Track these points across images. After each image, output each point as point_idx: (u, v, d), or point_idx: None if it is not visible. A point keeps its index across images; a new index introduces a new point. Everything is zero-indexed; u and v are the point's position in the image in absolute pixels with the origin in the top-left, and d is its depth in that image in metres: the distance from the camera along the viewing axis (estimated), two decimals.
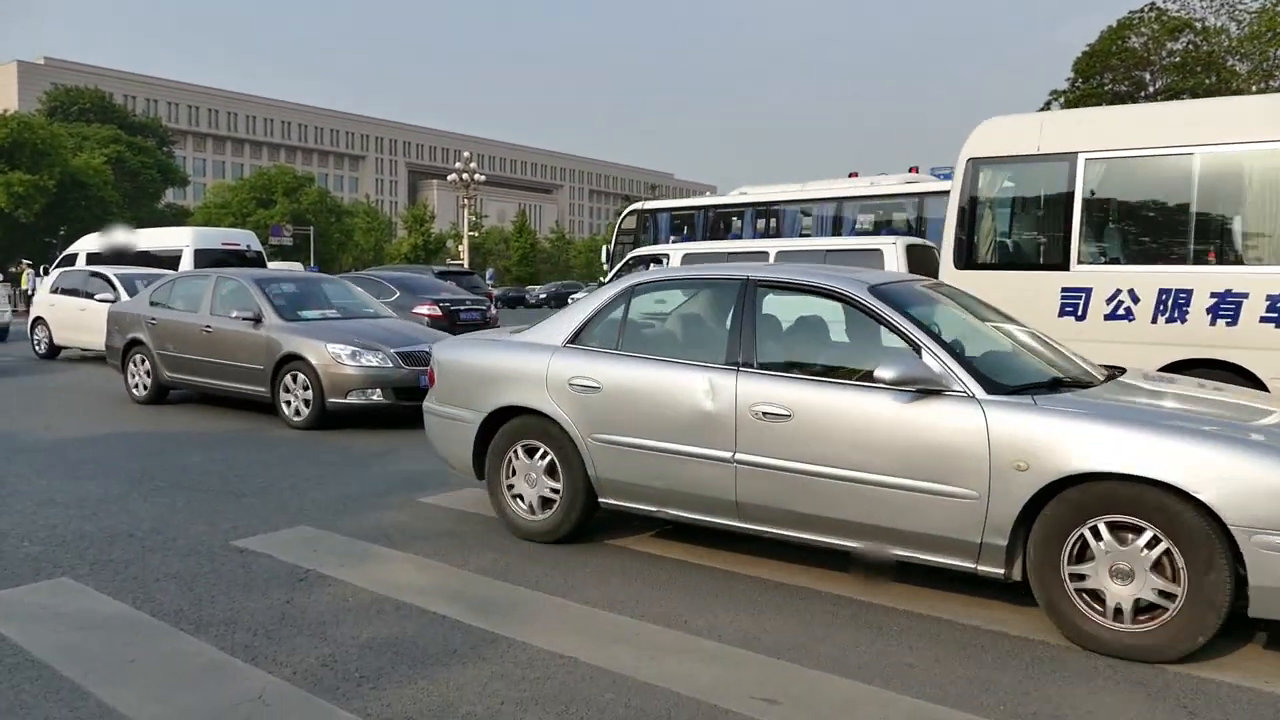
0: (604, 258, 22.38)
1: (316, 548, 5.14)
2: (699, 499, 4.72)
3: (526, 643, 3.82)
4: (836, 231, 18.20)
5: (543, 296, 55.93)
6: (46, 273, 23.72)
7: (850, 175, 21.69)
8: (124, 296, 14.10)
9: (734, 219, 20.28)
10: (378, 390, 9.08)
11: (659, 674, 3.53)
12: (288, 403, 9.32)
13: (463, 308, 16.24)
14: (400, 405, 9.13)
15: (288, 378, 9.31)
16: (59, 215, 53.35)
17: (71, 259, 21.17)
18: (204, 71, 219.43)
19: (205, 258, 18.83)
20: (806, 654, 3.75)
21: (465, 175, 47.33)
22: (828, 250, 12.06)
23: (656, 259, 14.22)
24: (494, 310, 18.34)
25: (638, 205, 22.17)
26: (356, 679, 3.47)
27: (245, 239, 21.66)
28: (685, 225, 20.89)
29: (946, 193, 17.79)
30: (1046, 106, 38.05)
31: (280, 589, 4.45)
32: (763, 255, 12.65)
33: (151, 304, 11.06)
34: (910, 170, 30.03)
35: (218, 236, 21.71)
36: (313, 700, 3.29)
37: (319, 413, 9.06)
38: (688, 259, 13.68)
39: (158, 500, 6.19)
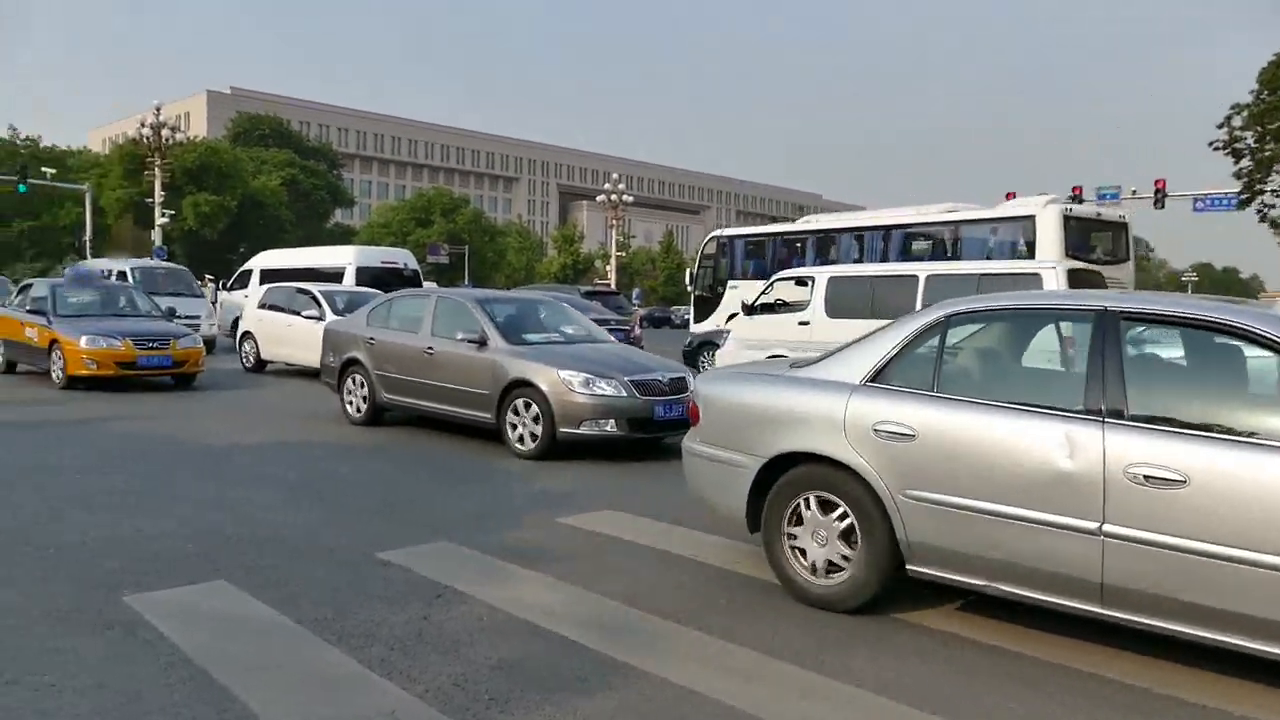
0: (688, 279, 24.31)
1: (455, 564, 5.22)
2: (1048, 576, 3.92)
3: (656, 674, 3.74)
4: (885, 257, 19.11)
5: (688, 317, 55.88)
6: (225, 287, 25.22)
7: (1007, 196, 21.88)
8: (328, 313, 14.54)
9: (798, 246, 21.59)
10: (611, 421, 8.51)
11: (794, 716, 3.39)
12: (514, 427, 8.83)
13: (606, 328, 16.39)
14: (634, 437, 8.70)
15: (518, 403, 8.81)
16: (238, 233, 57.17)
17: (247, 275, 22.67)
18: (372, 99, 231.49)
19: (365, 275, 19.79)
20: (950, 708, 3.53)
21: (614, 196, 48.12)
22: (981, 274, 11.63)
23: (801, 280, 14.03)
24: (638, 330, 18.47)
25: (717, 232, 23.91)
26: (485, 700, 3.47)
27: (403, 258, 22.65)
28: (758, 252, 22.42)
29: (980, 220, 18.05)
30: (1227, 121, 35.67)
31: (418, 603, 4.53)
32: (911, 279, 12.29)
33: (369, 323, 10.69)
34: (1074, 190, 29.26)
35: (377, 255, 22.77)
36: None
37: (549, 442, 8.54)
38: (833, 283, 13.39)
39: (312, 510, 6.44)
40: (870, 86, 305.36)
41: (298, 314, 15.55)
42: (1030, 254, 16.24)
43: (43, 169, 48.89)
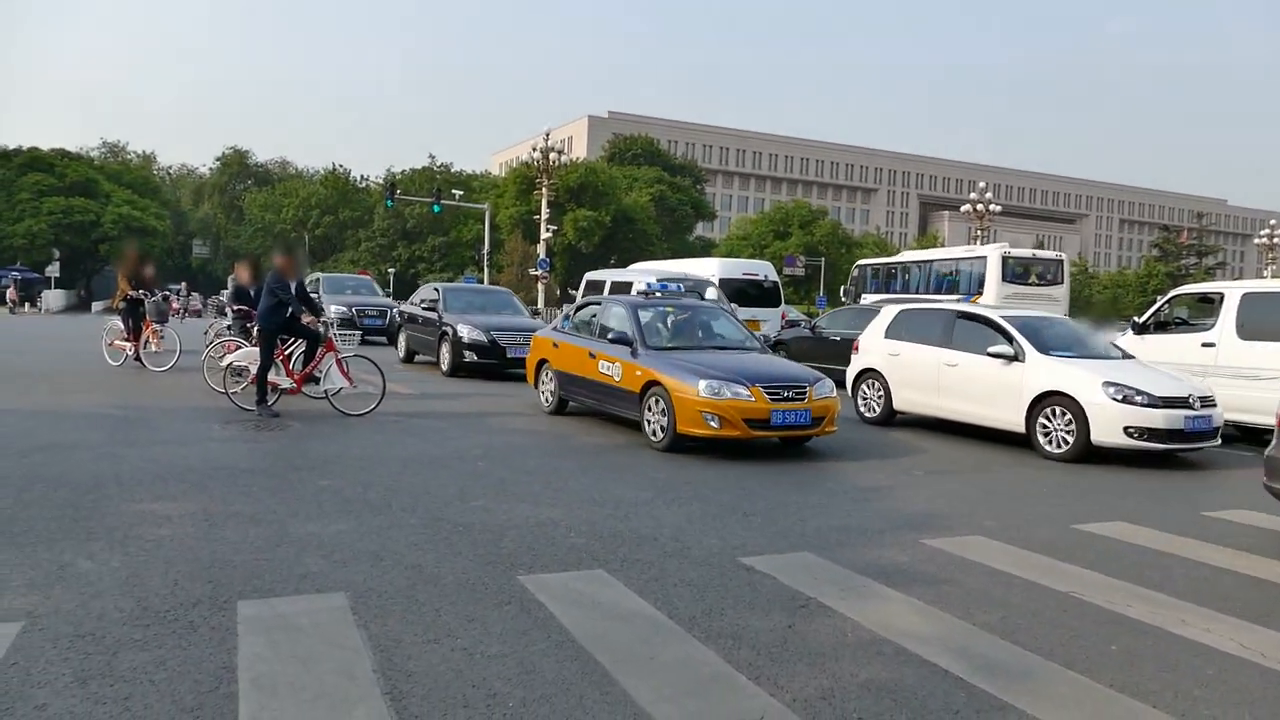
0: (842, 294, 30.58)
1: (817, 576, 5.21)
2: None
3: (1037, 717, 3.48)
4: (928, 286, 24.99)
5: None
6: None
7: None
8: (1029, 351, 10.35)
9: (893, 273, 27.01)
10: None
11: None
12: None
13: None
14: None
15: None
16: (610, 246, 61.35)
17: (600, 286, 24.72)
18: (734, 115, 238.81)
19: (728, 286, 20.51)
20: None
21: (979, 206, 45.77)
22: None
23: (1206, 297, 12.61)
24: None
25: (861, 261, 30.72)
26: (854, 719, 3.42)
27: (763, 269, 23.20)
28: (876, 277, 27.45)
29: (974, 258, 23.27)
30: None
31: (782, 612, 4.57)
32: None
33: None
34: None
35: (739, 267, 23.48)
36: None
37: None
38: (1248, 301, 11.88)
39: (678, 509, 6.75)
40: None
41: (968, 351, 10.94)
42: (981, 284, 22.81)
43: (453, 191, 55.68)
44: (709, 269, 22.44)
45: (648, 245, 61.48)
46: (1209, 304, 12.33)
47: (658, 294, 11.37)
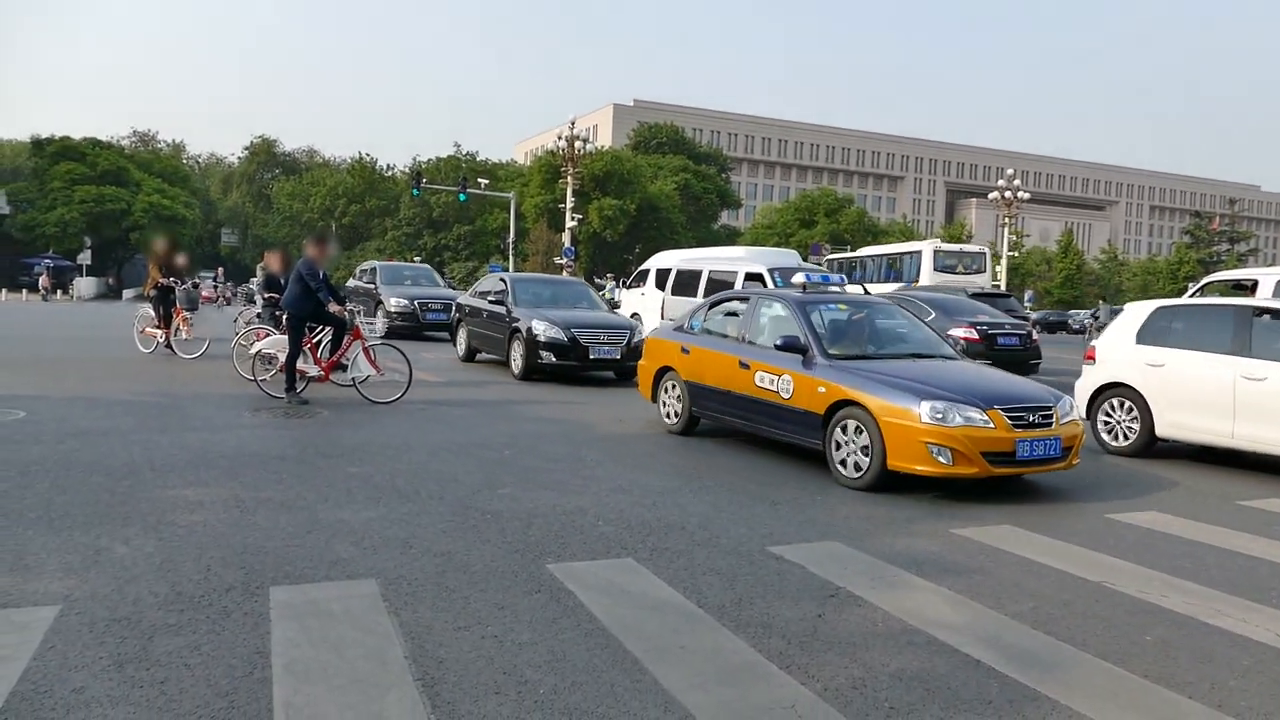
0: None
1: (846, 565, 5.19)
2: None
3: (1070, 708, 3.45)
4: (886, 276, 30.78)
5: (1088, 321, 50.76)
6: (626, 285, 26.44)
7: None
8: None
9: (854, 266, 33.00)
10: None
11: None
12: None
13: (1001, 332, 15.49)
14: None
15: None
16: (635, 235, 61.27)
17: (644, 274, 23.86)
18: (760, 103, 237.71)
19: (754, 276, 20.21)
20: None
21: (1007, 193, 45.31)
22: None
23: (1242, 283, 12.40)
24: (1035, 335, 17.23)
25: (829, 256, 36.39)
26: (886, 709, 3.40)
27: (792, 260, 22.94)
28: (843, 270, 31.74)
29: (910, 252, 31.08)
30: None
31: (812, 601, 4.56)
32: None
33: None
34: None
35: (770, 256, 23.21)
36: None
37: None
38: None
39: (704, 498, 6.74)
40: None
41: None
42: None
43: (478, 180, 55.79)
44: (738, 256, 22.10)
45: (673, 234, 61.34)
46: (1243, 291, 12.14)
47: (821, 286, 9.55)
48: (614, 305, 22.74)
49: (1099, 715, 3.40)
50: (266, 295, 13.73)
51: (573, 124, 40.35)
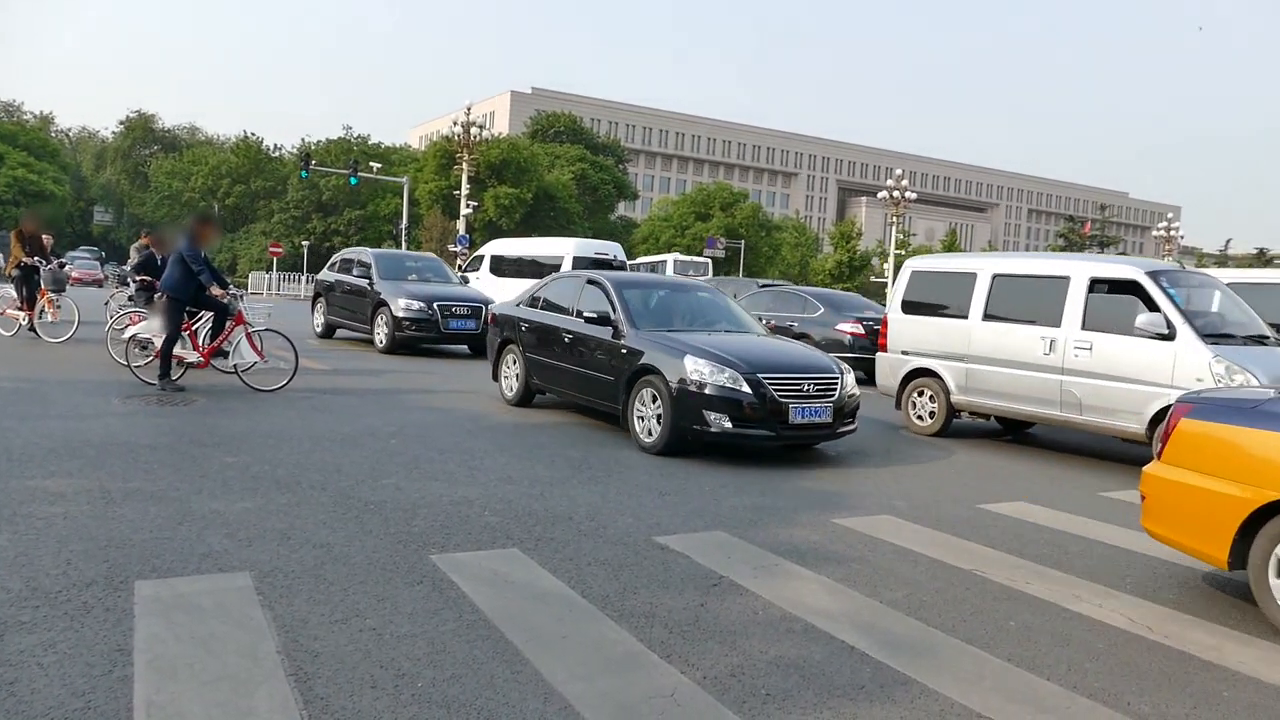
0: None
1: (730, 555, 5.26)
2: None
3: (938, 691, 3.58)
4: None
5: None
6: (463, 269, 26.89)
7: None
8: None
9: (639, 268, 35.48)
10: None
11: None
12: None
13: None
14: None
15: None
16: (532, 224, 60.77)
17: (480, 259, 25.31)
18: (656, 95, 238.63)
19: (581, 264, 21.53)
20: None
21: (896, 193, 46.66)
22: None
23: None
24: None
25: (632, 261, 35.05)
26: (763, 696, 3.46)
27: (613, 250, 24.71)
28: (653, 270, 35.31)
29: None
30: None
31: (695, 591, 4.61)
32: None
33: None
34: None
35: (592, 247, 25.09)
36: (720, 709, 3.33)
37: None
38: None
39: (594, 488, 6.74)
40: (1197, 76, 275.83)
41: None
42: None
43: (370, 164, 54.45)
44: (565, 247, 23.64)
45: (569, 223, 61.15)
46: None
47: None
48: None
49: (964, 698, 3.54)
50: (139, 278, 13.13)
51: (469, 109, 39.80)
